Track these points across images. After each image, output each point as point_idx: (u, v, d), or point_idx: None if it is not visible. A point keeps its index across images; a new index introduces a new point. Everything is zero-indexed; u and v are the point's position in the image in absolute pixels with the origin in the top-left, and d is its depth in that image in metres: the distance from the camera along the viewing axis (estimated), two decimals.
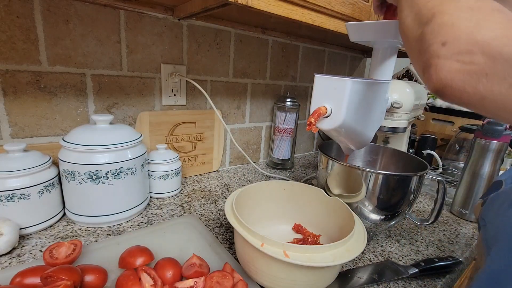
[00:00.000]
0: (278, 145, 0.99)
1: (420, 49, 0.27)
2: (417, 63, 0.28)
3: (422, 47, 0.27)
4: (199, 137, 0.84)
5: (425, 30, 0.27)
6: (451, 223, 0.71)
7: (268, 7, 0.51)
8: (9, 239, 0.45)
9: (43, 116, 0.60)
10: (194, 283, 0.39)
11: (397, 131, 0.73)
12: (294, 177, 0.92)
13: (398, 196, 0.52)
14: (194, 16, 0.66)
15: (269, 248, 0.37)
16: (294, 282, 0.38)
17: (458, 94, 0.24)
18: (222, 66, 0.86)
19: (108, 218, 0.55)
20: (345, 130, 0.43)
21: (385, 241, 0.60)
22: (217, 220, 0.62)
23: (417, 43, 0.28)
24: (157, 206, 0.66)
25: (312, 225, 0.56)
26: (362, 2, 0.66)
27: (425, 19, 0.27)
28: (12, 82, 0.55)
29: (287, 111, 0.95)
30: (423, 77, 0.27)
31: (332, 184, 0.55)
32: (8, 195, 0.47)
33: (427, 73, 0.26)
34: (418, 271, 0.48)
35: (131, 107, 0.71)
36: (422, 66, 0.27)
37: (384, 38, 0.48)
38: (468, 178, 0.72)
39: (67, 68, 0.60)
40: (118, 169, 0.54)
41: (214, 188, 0.78)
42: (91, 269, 0.40)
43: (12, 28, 0.53)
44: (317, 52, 1.13)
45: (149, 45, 0.70)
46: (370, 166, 0.70)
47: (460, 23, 0.24)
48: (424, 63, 0.26)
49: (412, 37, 0.29)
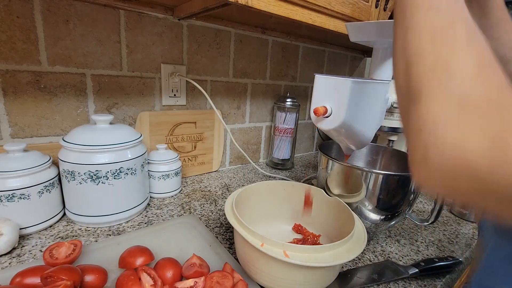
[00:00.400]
0: (278, 145, 0.99)
1: (405, 125, 0.25)
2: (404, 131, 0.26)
3: (406, 129, 0.24)
4: (199, 137, 0.84)
5: (411, 112, 0.23)
6: (451, 223, 0.71)
7: (268, 7, 0.51)
8: (9, 239, 0.45)
9: (43, 116, 0.60)
10: (194, 283, 0.39)
11: (397, 131, 0.73)
12: (294, 177, 0.92)
13: (398, 196, 0.52)
14: (194, 16, 0.66)
15: (269, 248, 0.37)
16: (294, 282, 0.38)
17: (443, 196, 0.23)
18: (222, 66, 0.86)
19: (108, 218, 0.55)
20: (345, 130, 0.43)
21: (385, 241, 0.60)
22: (217, 220, 0.62)
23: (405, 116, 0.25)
24: (157, 206, 0.66)
25: (312, 225, 0.56)
26: (362, 2, 0.66)
27: (413, 93, 0.23)
28: (12, 82, 0.55)
29: (287, 111, 0.95)
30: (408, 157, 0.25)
31: (332, 184, 0.55)
32: (8, 195, 0.47)
33: (411, 165, 0.24)
34: (418, 271, 0.48)
35: (131, 107, 0.71)
36: (408, 149, 0.25)
37: (384, 38, 0.48)
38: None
39: (67, 68, 0.60)
40: (118, 169, 0.54)
41: (214, 188, 0.78)
42: (91, 269, 0.40)
43: (12, 28, 0.53)
44: (317, 52, 1.13)
45: (149, 45, 0.70)
46: (370, 166, 0.70)
47: (443, 126, 0.20)
48: (409, 152, 0.24)
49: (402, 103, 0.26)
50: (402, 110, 0.26)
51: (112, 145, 0.53)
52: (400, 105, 0.26)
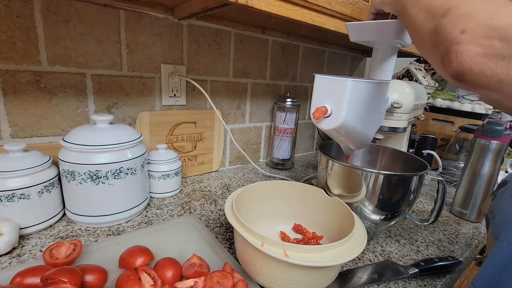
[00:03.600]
0: (278, 145, 0.99)
1: (436, 40, 0.29)
2: (433, 55, 0.30)
3: (438, 38, 0.28)
4: (199, 137, 0.84)
5: (441, 22, 0.28)
6: (451, 223, 0.71)
7: (268, 7, 0.50)
8: (9, 239, 0.45)
9: (43, 116, 0.60)
10: (194, 283, 0.39)
11: (397, 131, 0.73)
12: (294, 177, 0.92)
13: (398, 196, 0.52)
14: (194, 16, 0.66)
15: (269, 248, 0.37)
16: (294, 282, 0.38)
17: (477, 78, 0.25)
18: (222, 66, 0.86)
19: (108, 218, 0.55)
20: (345, 130, 0.43)
21: (385, 241, 0.60)
22: (217, 220, 0.62)
23: (432, 35, 0.30)
24: (157, 206, 0.66)
25: (312, 225, 0.56)
26: (362, 2, 0.66)
27: (439, 13, 0.29)
28: (12, 82, 0.55)
29: (287, 111, 0.95)
30: (441, 66, 0.28)
31: (332, 184, 0.55)
32: (8, 195, 0.47)
33: (446, 60, 0.27)
34: (418, 271, 0.48)
35: (131, 107, 0.71)
36: (441, 54, 0.28)
37: (384, 38, 0.48)
38: (468, 178, 0.72)
39: (67, 68, 0.60)
40: (118, 169, 0.54)
41: (214, 188, 0.78)
42: (91, 269, 0.40)
43: (12, 28, 0.53)
44: (317, 52, 1.13)
45: (149, 45, 0.70)
46: (370, 166, 0.70)
47: (477, 13, 0.26)
48: (443, 51, 0.27)
49: (426, 32, 0.31)
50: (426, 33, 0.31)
51: (112, 145, 0.53)
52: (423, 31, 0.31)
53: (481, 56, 0.25)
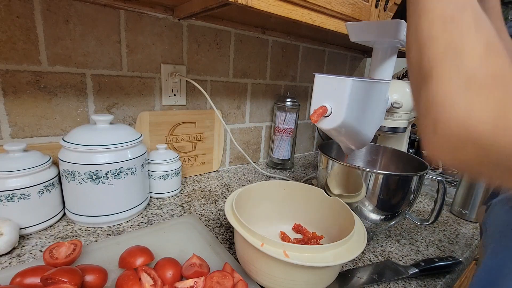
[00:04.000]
0: (278, 145, 0.99)
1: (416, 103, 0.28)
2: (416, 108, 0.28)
3: (417, 106, 0.27)
4: (199, 137, 0.84)
5: (422, 90, 0.26)
6: (451, 223, 0.71)
7: (268, 7, 0.51)
8: (9, 239, 0.45)
9: (43, 116, 0.60)
10: (194, 283, 0.39)
11: (397, 131, 0.73)
12: (294, 177, 0.92)
13: (398, 196, 0.52)
14: (194, 16, 0.66)
15: (269, 248, 0.37)
16: (294, 282, 0.38)
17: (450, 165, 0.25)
18: (222, 66, 0.86)
19: (108, 218, 0.55)
20: (345, 129, 0.43)
21: (385, 241, 0.60)
22: (217, 220, 0.62)
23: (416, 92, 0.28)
24: (157, 206, 0.66)
25: (312, 225, 0.56)
26: (362, 2, 0.66)
27: (425, 73, 0.26)
28: (12, 82, 0.55)
29: (287, 111, 0.95)
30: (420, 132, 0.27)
31: (332, 184, 0.55)
32: (8, 195, 0.47)
33: (422, 137, 0.26)
34: (418, 271, 0.48)
35: (131, 107, 0.71)
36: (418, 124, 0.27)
37: (384, 38, 0.48)
38: (468, 178, 0.72)
39: (67, 68, 0.60)
40: (118, 169, 0.54)
41: (214, 188, 0.78)
42: (91, 269, 0.40)
43: (12, 28, 0.53)
44: (317, 52, 1.13)
45: (149, 45, 0.70)
46: (370, 166, 0.70)
47: (452, 100, 0.23)
48: (420, 127, 0.26)
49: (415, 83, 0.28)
50: (415, 89, 0.28)
51: (112, 145, 0.53)
52: (413, 85, 0.29)
53: (452, 158, 0.24)
